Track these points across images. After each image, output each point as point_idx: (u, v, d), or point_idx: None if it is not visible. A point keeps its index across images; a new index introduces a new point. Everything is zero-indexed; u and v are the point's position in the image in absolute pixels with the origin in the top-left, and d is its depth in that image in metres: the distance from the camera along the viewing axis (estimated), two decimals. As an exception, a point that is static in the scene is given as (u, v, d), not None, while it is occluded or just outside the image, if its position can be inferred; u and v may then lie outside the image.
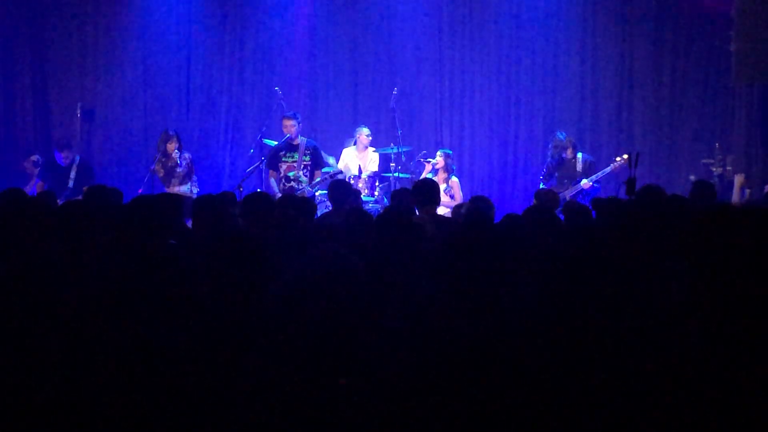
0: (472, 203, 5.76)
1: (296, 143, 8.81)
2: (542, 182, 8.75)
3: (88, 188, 6.11)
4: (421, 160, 9.40)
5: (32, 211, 3.93)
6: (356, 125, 9.73)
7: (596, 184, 8.55)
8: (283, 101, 9.75)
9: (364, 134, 9.45)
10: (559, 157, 8.70)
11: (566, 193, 8.32)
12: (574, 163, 8.68)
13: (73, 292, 2.72)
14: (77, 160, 9.17)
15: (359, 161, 9.31)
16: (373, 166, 9.42)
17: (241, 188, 8.00)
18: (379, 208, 8.19)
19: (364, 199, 8.08)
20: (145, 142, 10.60)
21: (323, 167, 8.87)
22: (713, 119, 9.81)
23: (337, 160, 9.54)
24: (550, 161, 8.81)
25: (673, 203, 4.68)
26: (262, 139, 9.29)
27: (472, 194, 6.96)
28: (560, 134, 8.81)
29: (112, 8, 10.80)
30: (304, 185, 8.58)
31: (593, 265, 2.48)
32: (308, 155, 8.79)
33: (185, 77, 10.85)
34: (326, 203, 7.62)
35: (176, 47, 10.81)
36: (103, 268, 2.95)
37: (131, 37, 10.77)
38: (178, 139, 8.83)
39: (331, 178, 8.03)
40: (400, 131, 9.41)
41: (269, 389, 2.18)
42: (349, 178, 8.63)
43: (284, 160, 8.80)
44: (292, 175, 8.73)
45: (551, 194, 6.87)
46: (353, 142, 9.54)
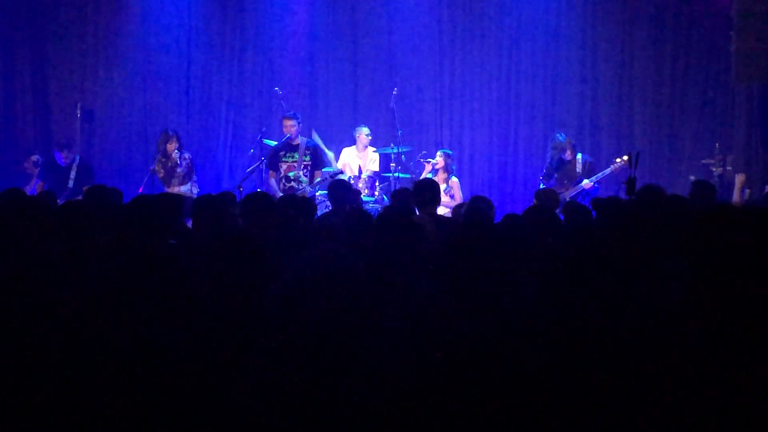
0: (472, 203, 5.75)
1: (296, 143, 8.82)
2: (542, 183, 8.75)
3: (88, 188, 6.11)
4: (421, 160, 9.40)
5: (32, 211, 3.93)
6: (356, 125, 9.74)
7: (596, 184, 8.55)
8: (283, 101, 9.75)
9: (363, 134, 9.45)
10: (558, 158, 8.70)
11: (566, 193, 8.31)
12: (573, 163, 8.68)
13: (73, 292, 2.72)
14: (77, 160, 9.17)
15: (359, 161, 9.31)
16: (373, 165, 9.41)
17: (241, 188, 8.00)
18: (379, 208, 8.19)
19: (364, 199, 8.08)
20: (145, 142, 10.60)
21: (323, 167, 8.87)
22: (713, 119, 9.81)
23: (336, 157, 9.55)
24: (549, 162, 8.81)
25: (673, 203, 4.68)
26: (262, 139, 9.29)
27: (472, 194, 6.96)
28: (560, 135, 8.81)
29: (112, 8, 10.80)
30: (304, 185, 8.58)
31: (593, 265, 2.48)
32: (308, 155, 8.79)
33: (185, 77, 10.85)
34: (326, 203, 7.61)
35: (176, 47, 10.81)
36: (103, 268, 2.95)
37: (131, 37, 10.76)
38: (178, 139, 8.84)
39: (331, 178, 8.03)
40: (400, 131, 9.41)
41: (269, 389, 2.18)
42: (349, 178, 8.63)
43: (284, 160, 8.81)
44: (292, 175, 8.73)
45: (551, 194, 6.86)
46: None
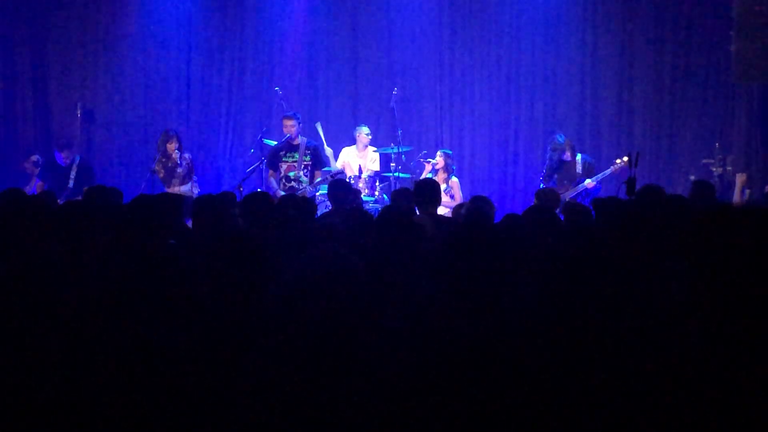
0: (472, 203, 5.75)
1: (296, 143, 8.82)
2: (542, 184, 8.74)
3: (88, 188, 6.12)
4: (421, 160, 9.40)
5: (32, 211, 3.93)
6: (356, 125, 9.74)
7: (598, 184, 8.55)
8: (283, 101, 9.75)
9: (363, 133, 9.45)
10: (558, 158, 8.70)
11: (567, 194, 8.31)
12: (573, 164, 8.67)
13: (73, 292, 2.72)
14: (77, 160, 9.18)
15: (359, 160, 9.31)
16: (374, 165, 9.41)
17: (241, 188, 8.00)
18: (379, 208, 8.19)
19: (364, 199, 8.08)
20: (145, 142, 10.60)
21: (324, 167, 8.87)
22: (713, 119, 9.80)
23: (335, 156, 9.54)
24: (549, 163, 8.80)
25: (673, 203, 4.68)
26: (262, 139, 9.29)
27: (472, 194, 6.96)
28: (559, 137, 8.80)
29: (112, 8, 10.80)
30: (304, 185, 8.58)
31: (593, 265, 2.48)
32: (308, 155, 8.80)
33: (185, 77, 10.85)
34: (326, 203, 7.62)
35: (176, 47, 10.81)
36: (103, 268, 2.95)
37: (131, 37, 10.76)
38: (178, 139, 8.84)
39: (332, 177, 8.03)
40: (400, 131, 9.41)
41: (269, 389, 2.18)
42: (349, 178, 8.63)
43: (284, 160, 8.81)
44: (292, 175, 8.73)
45: (552, 194, 6.85)
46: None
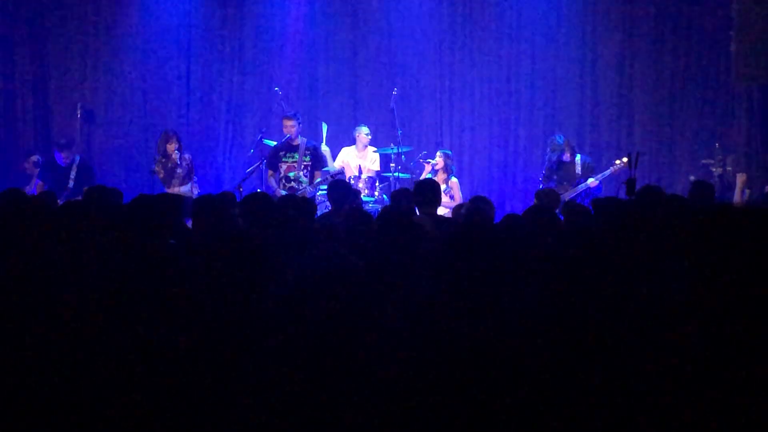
0: (472, 203, 5.75)
1: (296, 143, 8.82)
2: (541, 184, 8.74)
3: (88, 188, 6.11)
4: (420, 160, 9.39)
5: (32, 211, 3.93)
6: (356, 125, 9.73)
7: (599, 183, 8.55)
8: (283, 101, 9.74)
9: (363, 133, 9.44)
10: (557, 159, 8.70)
11: (566, 194, 8.31)
12: (573, 165, 8.67)
13: (73, 292, 2.72)
14: (77, 160, 9.17)
15: (359, 161, 9.31)
16: (374, 165, 9.41)
17: (241, 188, 8.00)
18: (379, 208, 8.19)
19: (364, 199, 8.08)
20: (145, 142, 10.59)
21: (323, 167, 8.87)
22: (713, 119, 9.80)
23: (334, 156, 9.54)
24: (548, 164, 8.80)
25: (672, 203, 4.68)
26: (262, 139, 9.28)
27: (472, 194, 6.96)
28: (558, 137, 8.80)
29: (112, 8, 10.80)
30: (304, 185, 8.57)
31: (593, 265, 2.48)
32: (308, 155, 8.79)
33: (185, 77, 10.84)
34: (326, 203, 7.61)
35: (176, 47, 10.81)
36: (103, 268, 2.95)
37: (131, 37, 10.76)
38: (177, 139, 8.84)
39: (332, 178, 8.03)
40: (400, 131, 9.41)
41: (269, 389, 2.18)
42: (349, 178, 8.63)
43: (284, 160, 8.80)
44: (292, 175, 8.73)
45: (552, 194, 6.85)
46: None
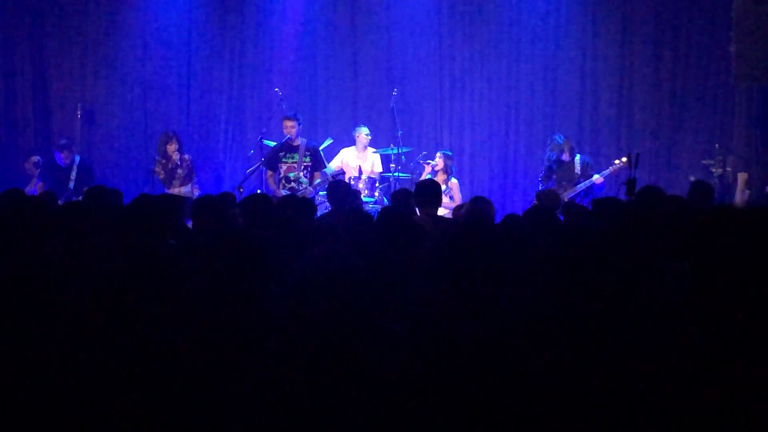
0: (472, 203, 5.75)
1: (296, 144, 8.81)
2: (541, 184, 8.75)
3: (88, 189, 6.11)
4: (420, 161, 9.39)
5: (32, 211, 3.93)
6: (356, 125, 9.73)
7: (603, 180, 8.53)
8: (283, 102, 9.75)
9: (363, 134, 9.44)
10: (557, 158, 8.70)
11: (566, 194, 8.31)
12: (572, 165, 8.67)
13: (73, 292, 2.72)
14: (77, 160, 9.17)
15: (359, 161, 9.31)
16: (378, 167, 9.41)
17: (241, 189, 8.00)
18: (379, 209, 8.18)
19: (364, 199, 8.08)
20: (145, 142, 10.60)
21: (323, 168, 8.87)
22: (713, 119, 9.80)
23: (332, 156, 9.53)
24: (547, 163, 8.80)
25: (672, 204, 4.68)
26: (262, 139, 9.28)
27: (472, 195, 6.95)
28: (558, 137, 8.81)
29: (112, 8, 10.81)
30: (304, 186, 8.57)
31: (593, 265, 2.48)
32: (308, 156, 8.79)
33: (185, 77, 10.85)
34: (326, 204, 7.61)
35: (176, 47, 10.81)
36: (103, 268, 2.95)
37: (131, 37, 10.77)
38: (177, 140, 8.85)
39: (332, 178, 8.02)
40: (400, 132, 9.41)
41: (269, 389, 2.18)
42: (349, 179, 8.63)
43: (284, 161, 8.80)
44: (292, 176, 8.72)
45: (552, 195, 6.86)
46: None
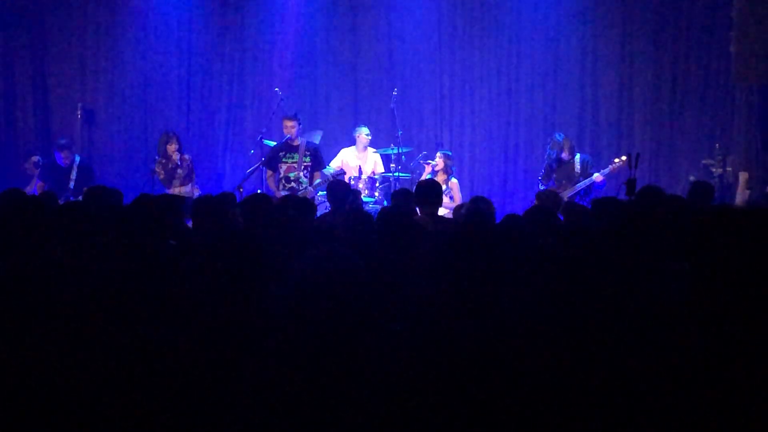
0: (472, 203, 5.75)
1: (296, 144, 8.81)
2: (541, 183, 8.76)
3: (88, 189, 6.11)
4: (420, 161, 9.40)
5: (32, 211, 3.93)
6: (356, 125, 9.73)
7: (604, 179, 8.53)
8: (283, 102, 9.75)
9: (363, 134, 9.44)
10: (556, 157, 8.70)
11: (565, 193, 8.31)
12: (572, 164, 8.67)
13: (73, 292, 2.72)
14: (77, 160, 9.16)
15: (359, 161, 9.31)
16: (379, 167, 9.42)
17: (241, 189, 7.99)
18: (379, 209, 8.18)
19: (364, 199, 8.08)
20: (145, 142, 10.61)
21: (323, 168, 8.86)
22: (713, 119, 9.80)
23: (332, 156, 9.53)
24: (548, 162, 8.80)
25: (672, 203, 4.68)
26: (262, 139, 9.27)
27: (472, 195, 6.95)
28: (558, 136, 8.81)
29: (112, 8, 10.81)
30: (304, 186, 8.57)
31: (593, 265, 2.48)
32: (308, 156, 8.79)
33: (185, 77, 10.85)
34: (326, 204, 7.61)
35: (176, 47, 10.82)
36: (103, 268, 2.95)
37: (131, 37, 10.77)
38: (177, 140, 8.85)
39: (333, 178, 8.02)
40: (400, 132, 9.41)
41: (270, 390, 2.18)
42: (349, 179, 8.63)
43: (284, 160, 8.80)
44: (292, 175, 8.72)
45: (553, 195, 6.86)
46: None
